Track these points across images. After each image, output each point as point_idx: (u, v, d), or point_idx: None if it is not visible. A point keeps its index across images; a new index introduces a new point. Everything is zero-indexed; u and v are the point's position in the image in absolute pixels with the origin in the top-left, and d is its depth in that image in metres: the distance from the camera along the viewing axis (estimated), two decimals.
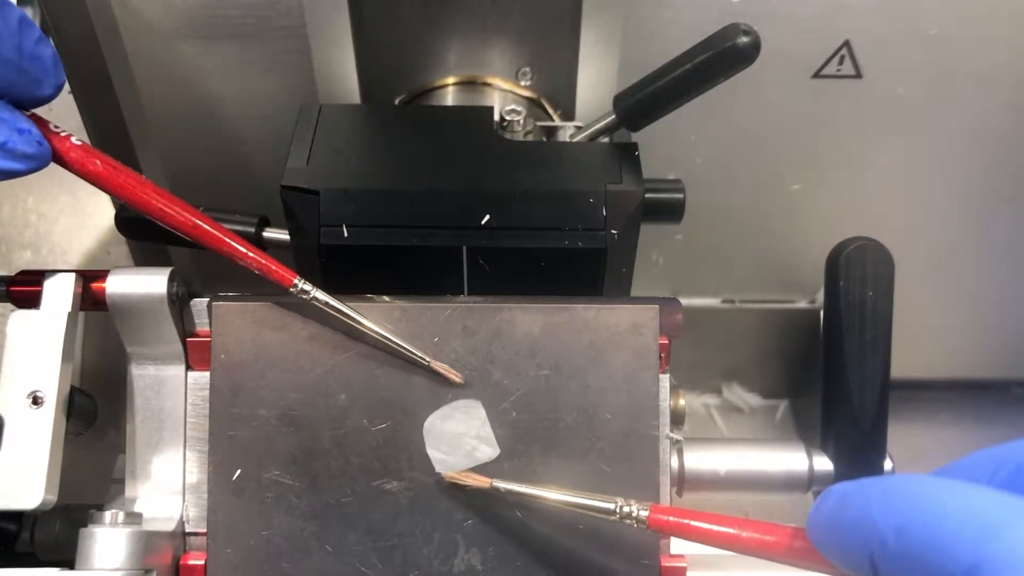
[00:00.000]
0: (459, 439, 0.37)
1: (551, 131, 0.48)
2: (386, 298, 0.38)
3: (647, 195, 0.41)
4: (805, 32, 0.49)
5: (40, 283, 0.38)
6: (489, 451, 0.37)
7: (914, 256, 0.50)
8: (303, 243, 0.41)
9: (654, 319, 0.38)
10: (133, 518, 0.35)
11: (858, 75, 0.51)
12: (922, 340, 0.65)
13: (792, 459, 0.43)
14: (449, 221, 0.40)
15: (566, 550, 0.36)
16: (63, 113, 0.76)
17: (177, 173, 0.55)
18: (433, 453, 0.37)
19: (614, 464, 0.37)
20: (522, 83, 0.52)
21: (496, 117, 0.46)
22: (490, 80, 0.52)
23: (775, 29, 0.48)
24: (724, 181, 0.57)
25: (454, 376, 0.37)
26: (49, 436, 0.36)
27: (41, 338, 0.37)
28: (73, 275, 0.38)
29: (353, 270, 0.41)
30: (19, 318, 0.37)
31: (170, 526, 0.37)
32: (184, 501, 0.38)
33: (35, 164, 0.33)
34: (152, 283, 0.38)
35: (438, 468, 0.36)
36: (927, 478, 0.25)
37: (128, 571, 0.34)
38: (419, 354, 0.37)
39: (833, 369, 0.43)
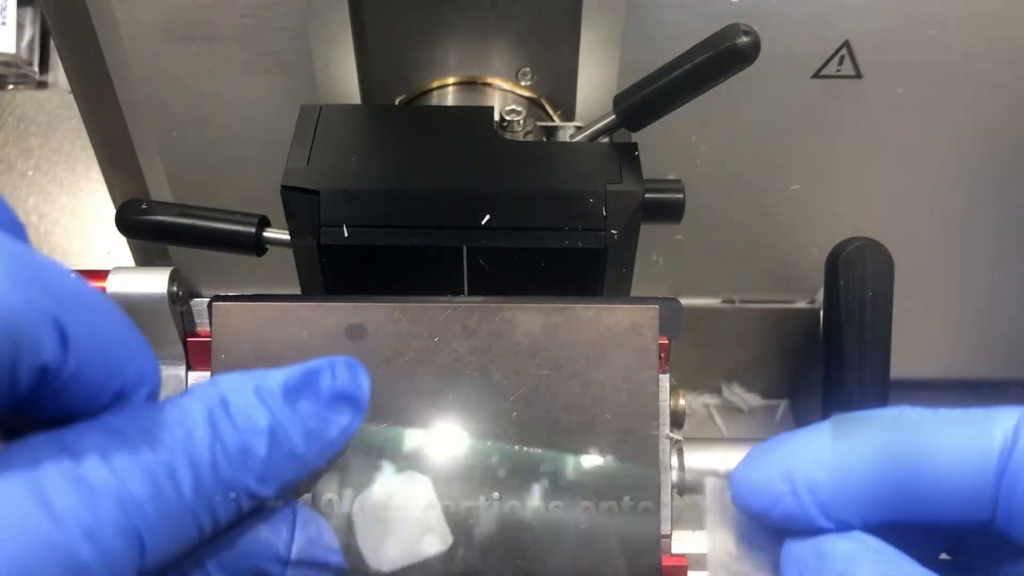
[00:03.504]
0: (399, 524, 0.30)
1: (551, 131, 0.48)
2: (386, 298, 0.38)
3: (647, 195, 0.41)
4: (805, 32, 0.49)
5: None
6: (436, 543, 0.29)
7: (914, 256, 0.50)
8: (303, 243, 0.41)
9: (654, 319, 0.38)
10: None
11: (858, 75, 0.51)
12: (922, 340, 0.65)
13: None
14: (449, 221, 0.40)
15: (567, 549, 0.36)
16: (64, 114, 0.77)
17: (177, 173, 0.55)
18: (363, 541, 0.29)
19: (614, 464, 0.37)
20: (522, 83, 0.52)
21: (496, 117, 0.46)
22: (490, 80, 0.52)
23: (775, 29, 0.48)
24: (724, 181, 0.57)
25: None
26: None
27: None
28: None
29: (353, 270, 0.41)
30: None
31: None
32: None
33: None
34: (152, 283, 0.38)
35: (368, 562, 0.30)
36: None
37: None
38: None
39: (833, 369, 0.43)
